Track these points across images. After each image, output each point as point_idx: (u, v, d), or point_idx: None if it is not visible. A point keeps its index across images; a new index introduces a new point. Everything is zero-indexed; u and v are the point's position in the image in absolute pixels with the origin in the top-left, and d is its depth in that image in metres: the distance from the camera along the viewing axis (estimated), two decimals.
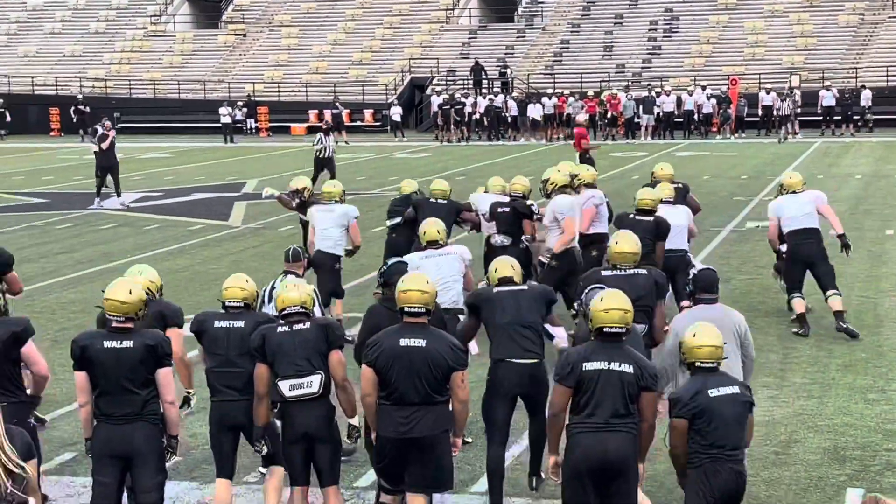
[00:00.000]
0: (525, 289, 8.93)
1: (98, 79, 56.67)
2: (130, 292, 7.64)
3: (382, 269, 9.07)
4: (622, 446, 7.03)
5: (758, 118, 44.75)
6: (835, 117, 44.31)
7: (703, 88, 45.54)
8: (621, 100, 44.96)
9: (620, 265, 9.61)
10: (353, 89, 52.73)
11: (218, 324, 8.41)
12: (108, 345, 7.54)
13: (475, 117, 47.14)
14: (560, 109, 45.85)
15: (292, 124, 51.81)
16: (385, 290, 8.79)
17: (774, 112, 44.11)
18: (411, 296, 7.63)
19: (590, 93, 46.69)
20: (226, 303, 8.51)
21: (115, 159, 27.98)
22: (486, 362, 9.45)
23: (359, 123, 50.96)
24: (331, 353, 7.85)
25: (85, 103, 51.60)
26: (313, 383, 7.81)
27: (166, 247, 21.40)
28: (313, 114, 51.58)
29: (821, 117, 44.42)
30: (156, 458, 7.62)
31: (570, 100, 45.68)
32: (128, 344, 7.53)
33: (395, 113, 48.67)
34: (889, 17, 51.39)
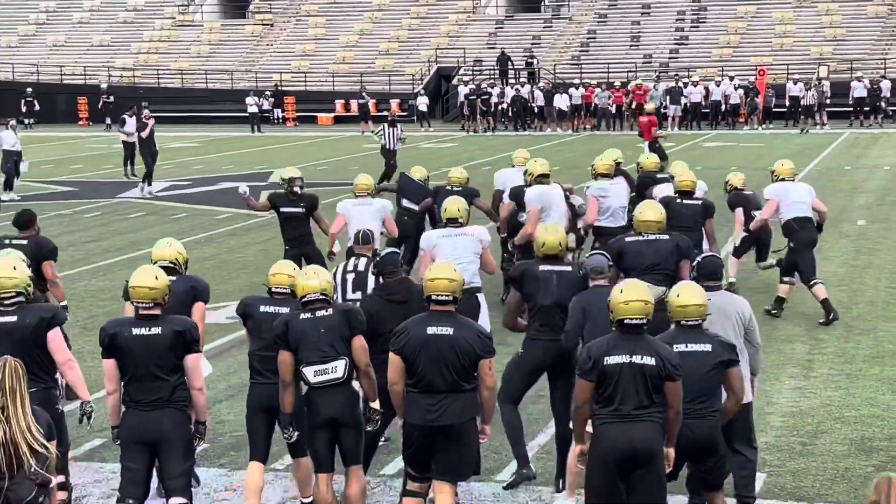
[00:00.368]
0: (569, 269, 9.13)
1: (126, 68, 56.90)
2: (157, 278, 7.71)
3: (376, 259, 9.09)
4: (647, 435, 7.05)
5: (785, 109, 44.55)
6: (864, 108, 44.08)
7: (731, 79, 45.36)
8: (648, 89, 44.82)
9: (645, 232, 10.14)
10: (379, 79, 52.75)
11: (263, 308, 8.50)
12: (136, 332, 7.60)
13: (501, 107, 47.09)
14: (587, 100, 45.74)
15: (319, 114, 51.87)
16: (379, 280, 8.94)
17: (801, 102, 43.91)
18: (439, 284, 7.65)
19: (616, 83, 46.58)
20: (272, 288, 8.60)
21: (154, 147, 28.23)
22: (511, 352, 9.49)
23: (385, 113, 50.96)
24: (353, 338, 7.91)
25: (109, 93, 51.81)
26: (338, 368, 7.87)
27: (193, 235, 21.49)
28: (340, 104, 51.67)
29: (851, 108, 44.20)
30: (184, 445, 7.67)
31: (596, 90, 45.58)
32: (156, 330, 7.59)
33: (422, 103, 48.67)
34: None
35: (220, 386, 11.78)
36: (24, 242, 10.98)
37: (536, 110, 46.72)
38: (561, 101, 45.68)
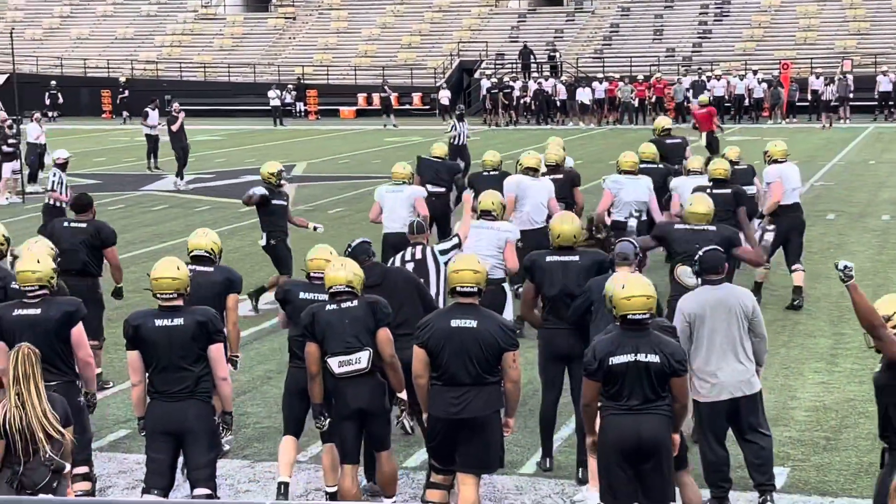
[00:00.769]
0: (576, 259, 9.20)
1: (149, 61, 57.05)
2: (178, 268, 7.77)
3: (347, 250, 9.11)
4: (654, 427, 7.11)
5: (807, 103, 44.34)
6: (889, 102, 43.86)
7: (755, 73, 45.19)
8: (667, 83, 44.64)
9: (693, 223, 10.49)
10: (401, 73, 52.75)
11: (303, 295, 8.60)
12: (159, 323, 7.63)
13: (524, 101, 47.03)
14: (611, 94, 45.64)
15: (341, 107, 51.92)
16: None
17: (821, 98, 43.71)
18: (464, 275, 7.66)
19: (639, 77, 46.47)
20: (311, 274, 8.67)
21: (185, 141, 28.25)
22: (534, 345, 9.50)
23: (407, 107, 51.01)
24: (378, 330, 7.96)
25: (124, 87, 51.88)
26: (362, 359, 7.91)
27: (217, 228, 21.50)
28: (362, 97, 51.70)
29: (876, 102, 43.98)
30: (208, 436, 7.70)
31: (620, 84, 45.48)
32: (179, 322, 7.62)
33: (444, 97, 48.61)
34: None
35: (243, 378, 11.80)
36: (84, 225, 11.70)
37: (559, 104, 46.65)
38: (583, 95, 45.58)
